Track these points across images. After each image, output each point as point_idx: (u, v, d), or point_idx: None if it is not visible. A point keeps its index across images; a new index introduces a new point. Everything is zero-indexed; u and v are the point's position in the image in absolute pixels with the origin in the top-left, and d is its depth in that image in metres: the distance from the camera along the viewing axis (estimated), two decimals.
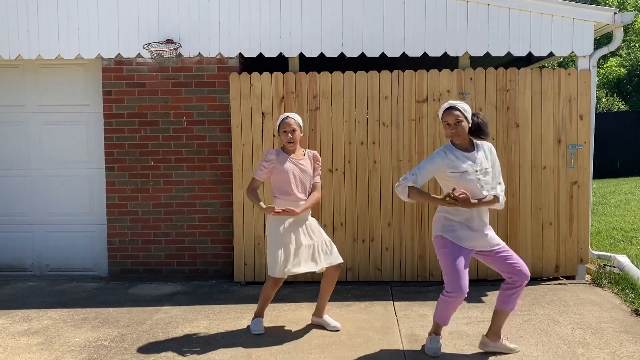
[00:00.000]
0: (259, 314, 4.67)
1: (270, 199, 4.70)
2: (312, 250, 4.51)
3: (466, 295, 3.90)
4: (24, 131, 6.41)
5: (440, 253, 4.00)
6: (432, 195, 4.08)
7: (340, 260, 4.61)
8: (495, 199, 3.94)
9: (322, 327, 4.68)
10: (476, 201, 3.88)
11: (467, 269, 3.93)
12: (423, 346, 4.19)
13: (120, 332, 4.67)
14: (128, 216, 6.15)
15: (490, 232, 4.02)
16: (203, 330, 4.69)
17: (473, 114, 3.99)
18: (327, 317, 4.73)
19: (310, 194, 4.56)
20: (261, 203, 4.48)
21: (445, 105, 4.00)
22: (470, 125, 3.95)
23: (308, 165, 4.56)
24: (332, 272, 4.59)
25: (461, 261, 3.90)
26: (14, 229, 6.47)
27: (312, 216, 4.64)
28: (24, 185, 6.45)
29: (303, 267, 4.46)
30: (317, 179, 4.63)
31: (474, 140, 4.03)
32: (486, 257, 4.03)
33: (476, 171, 3.90)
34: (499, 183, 4.04)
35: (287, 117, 4.50)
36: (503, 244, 4.03)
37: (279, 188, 4.49)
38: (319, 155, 4.67)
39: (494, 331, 4.08)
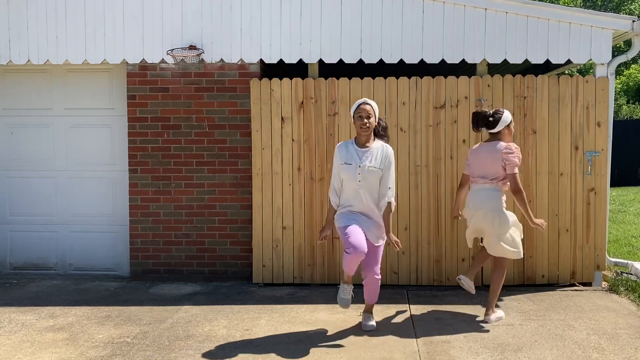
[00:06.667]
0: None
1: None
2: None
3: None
4: (50, 133, 6.60)
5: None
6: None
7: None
8: (390, 205, 4.40)
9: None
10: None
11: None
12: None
13: (142, 329, 4.80)
14: (150, 217, 6.30)
15: (374, 231, 4.53)
16: (223, 329, 4.80)
17: (379, 118, 4.46)
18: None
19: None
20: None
21: (360, 101, 4.48)
22: (376, 125, 4.49)
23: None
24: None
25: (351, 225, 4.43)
26: (39, 229, 6.66)
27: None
28: (49, 186, 6.63)
29: None
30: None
31: (375, 141, 4.45)
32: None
33: (359, 166, 4.33)
34: (389, 188, 4.41)
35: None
36: (378, 245, 4.60)
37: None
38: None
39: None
